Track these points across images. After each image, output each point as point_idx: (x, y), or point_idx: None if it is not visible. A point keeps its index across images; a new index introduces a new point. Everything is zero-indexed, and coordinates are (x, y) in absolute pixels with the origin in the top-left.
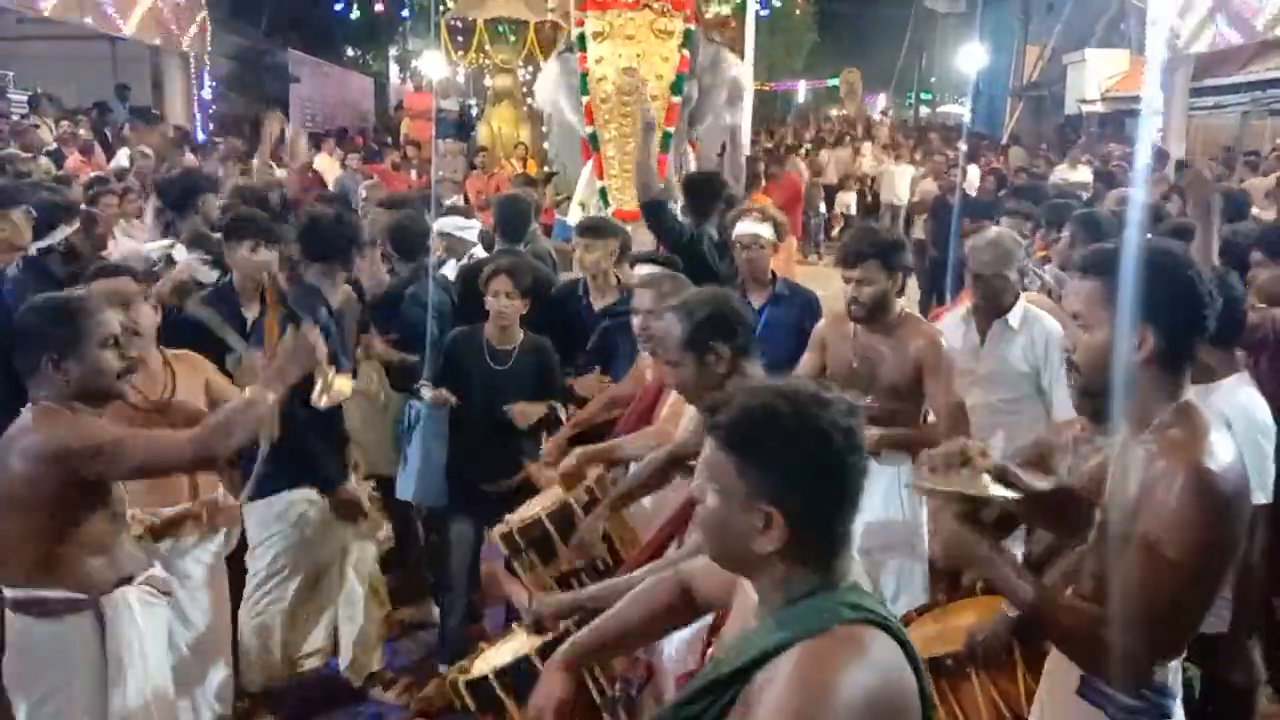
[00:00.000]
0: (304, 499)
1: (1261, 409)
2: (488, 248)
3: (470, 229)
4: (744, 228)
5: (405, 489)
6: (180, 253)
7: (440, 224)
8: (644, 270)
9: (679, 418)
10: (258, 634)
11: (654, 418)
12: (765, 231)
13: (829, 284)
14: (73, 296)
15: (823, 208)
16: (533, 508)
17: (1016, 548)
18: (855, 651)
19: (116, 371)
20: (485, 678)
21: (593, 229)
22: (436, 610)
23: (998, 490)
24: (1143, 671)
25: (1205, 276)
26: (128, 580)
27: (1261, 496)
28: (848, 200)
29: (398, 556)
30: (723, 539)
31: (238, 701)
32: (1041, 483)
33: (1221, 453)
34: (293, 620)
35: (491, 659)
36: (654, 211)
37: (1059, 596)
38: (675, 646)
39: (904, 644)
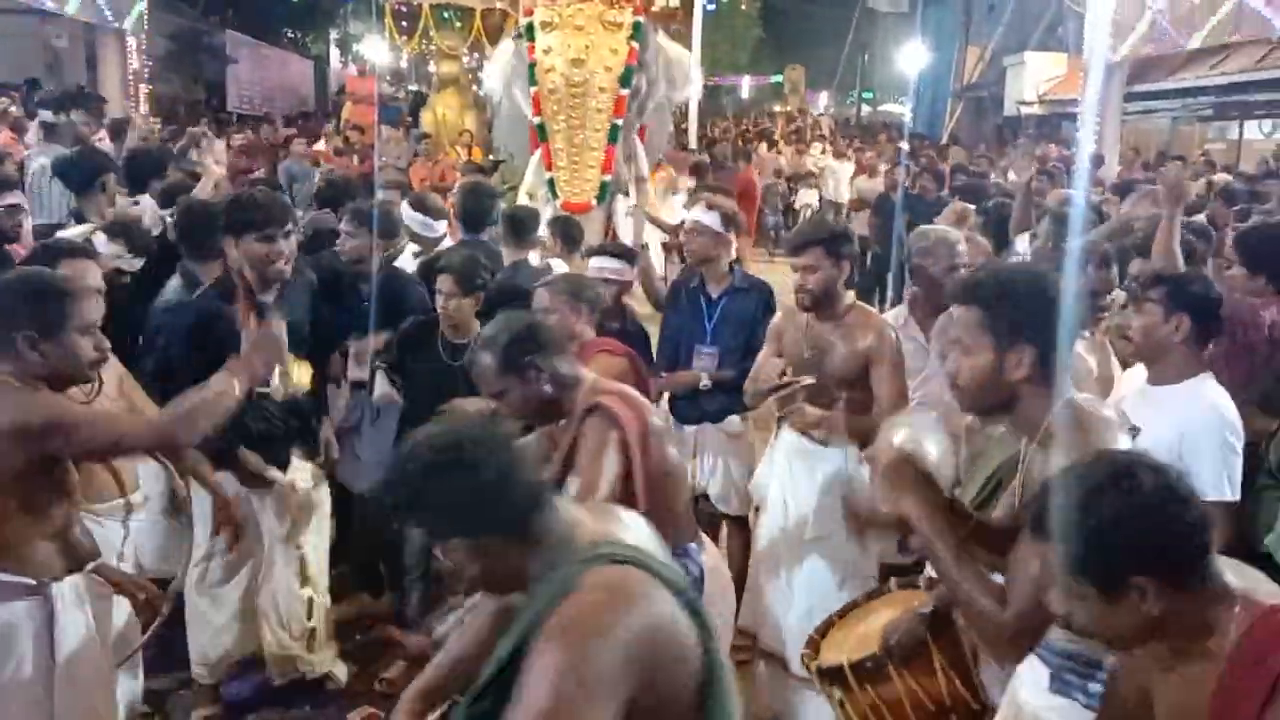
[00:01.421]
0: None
1: (1229, 408)
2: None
3: (436, 226)
4: (691, 214)
5: (355, 480)
6: (100, 241)
7: (407, 218)
8: (600, 262)
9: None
10: (198, 621)
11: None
12: (710, 220)
13: (789, 280)
14: (59, 278)
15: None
16: None
17: None
18: (600, 598)
19: (90, 360)
20: None
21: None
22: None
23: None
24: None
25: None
26: (78, 568)
27: (1229, 493)
28: (809, 198)
29: (343, 549)
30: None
31: (183, 690)
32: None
33: (1111, 440)
34: (240, 610)
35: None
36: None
37: (975, 565)
38: None
39: (660, 576)
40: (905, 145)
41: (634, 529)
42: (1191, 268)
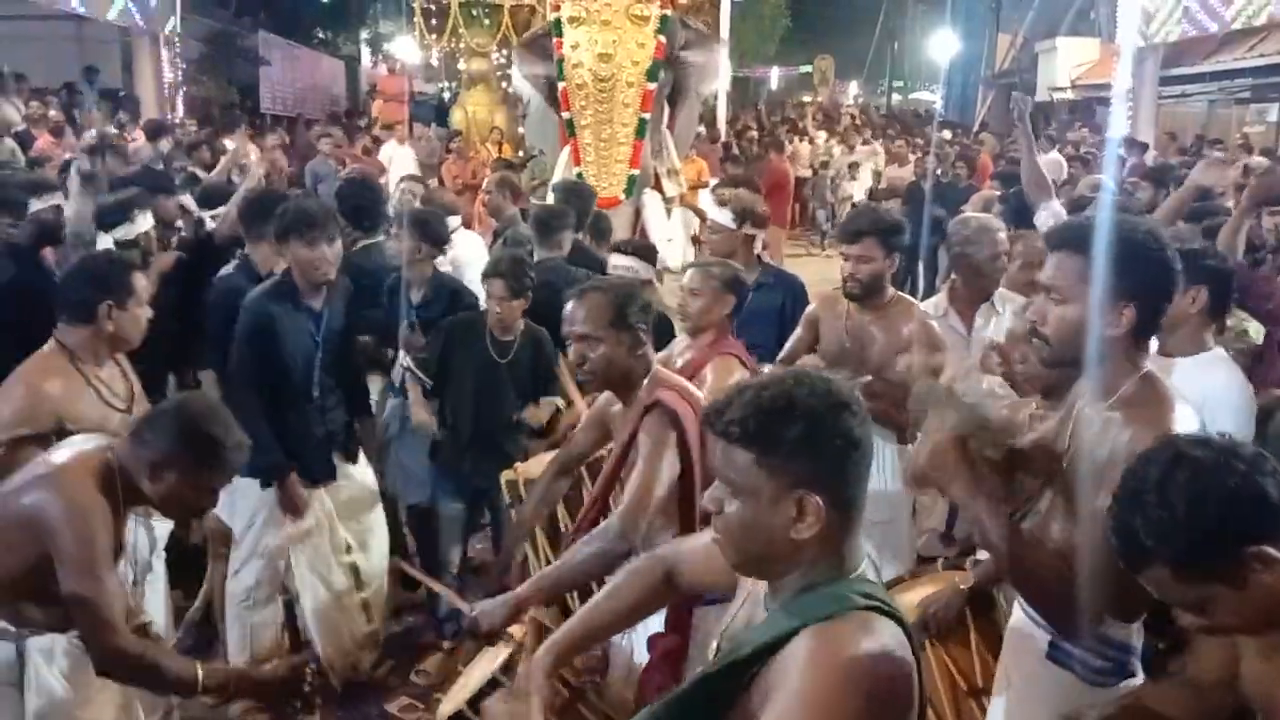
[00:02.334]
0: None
1: (1244, 381)
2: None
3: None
4: (709, 211)
5: (392, 484)
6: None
7: None
8: (618, 261)
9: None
10: (237, 621)
11: None
12: (722, 218)
13: (826, 272)
14: (125, 257)
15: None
16: (543, 463)
17: None
18: (868, 634)
19: (144, 329)
20: (460, 713)
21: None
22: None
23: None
24: (1099, 626)
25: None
26: (62, 630)
27: None
28: (850, 190)
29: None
30: (750, 540)
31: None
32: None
33: (1185, 424)
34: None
35: (458, 694)
36: None
37: (1026, 539)
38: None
39: (909, 636)
40: (946, 134)
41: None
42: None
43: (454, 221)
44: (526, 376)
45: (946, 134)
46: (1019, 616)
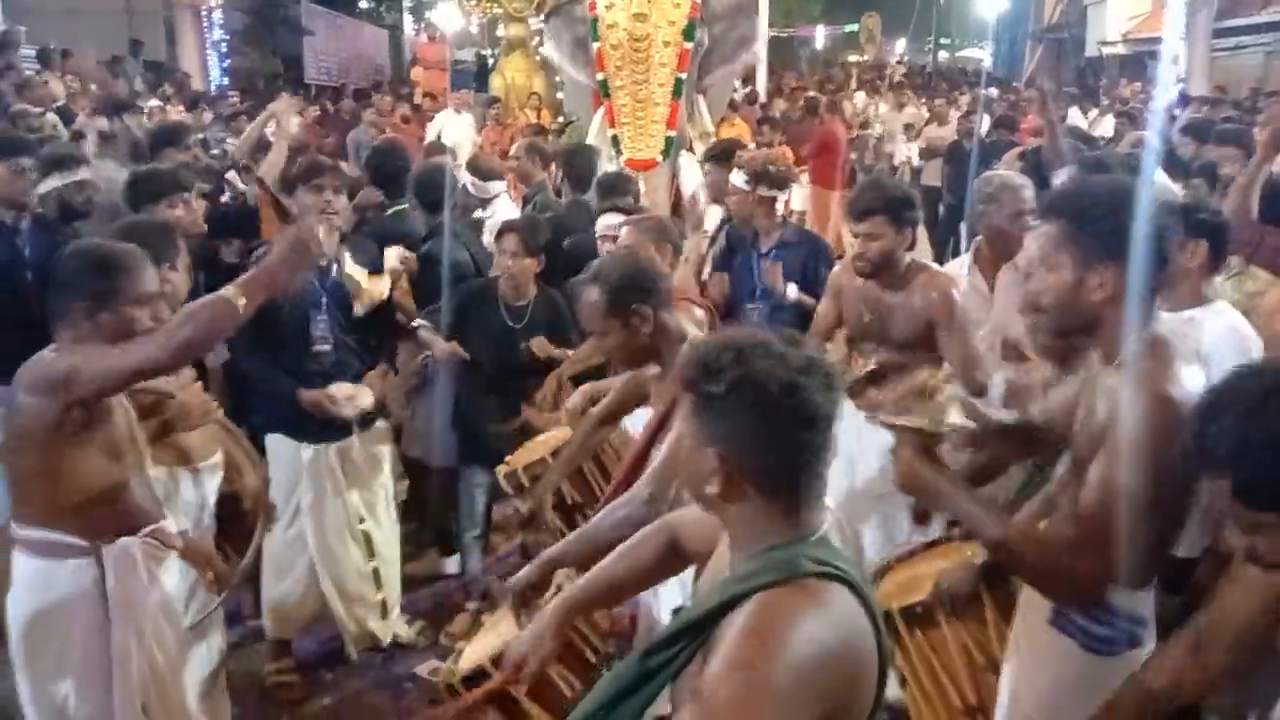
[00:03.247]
0: (282, 444)
1: (1247, 326)
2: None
3: (489, 186)
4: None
5: (412, 446)
6: None
7: (463, 180)
8: (607, 220)
9: None
10: (273, 578)
11: None
12: (736, 179)
13: None
14: (117, 249)
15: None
16: (535, 448)
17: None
18: (812, 604)
19: (144, 333)
20: (480, 670)
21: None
22: (444, 561)
23: (955, 419)
24: (1102, 596)
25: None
26: (133, 532)
27: None
28: (907, 152)
29: (415, 508)
30: (686, 478)
31: (257, 644)
32: (1002, 415)
33: (1187, 382)
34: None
35: (479, 649)
36: None
37: (1023, 528)
38: (665, 597)
39: (865, 601)
40: (992, 91)
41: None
42: None
43: (497, 186)
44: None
45: (994, 91)
46: None
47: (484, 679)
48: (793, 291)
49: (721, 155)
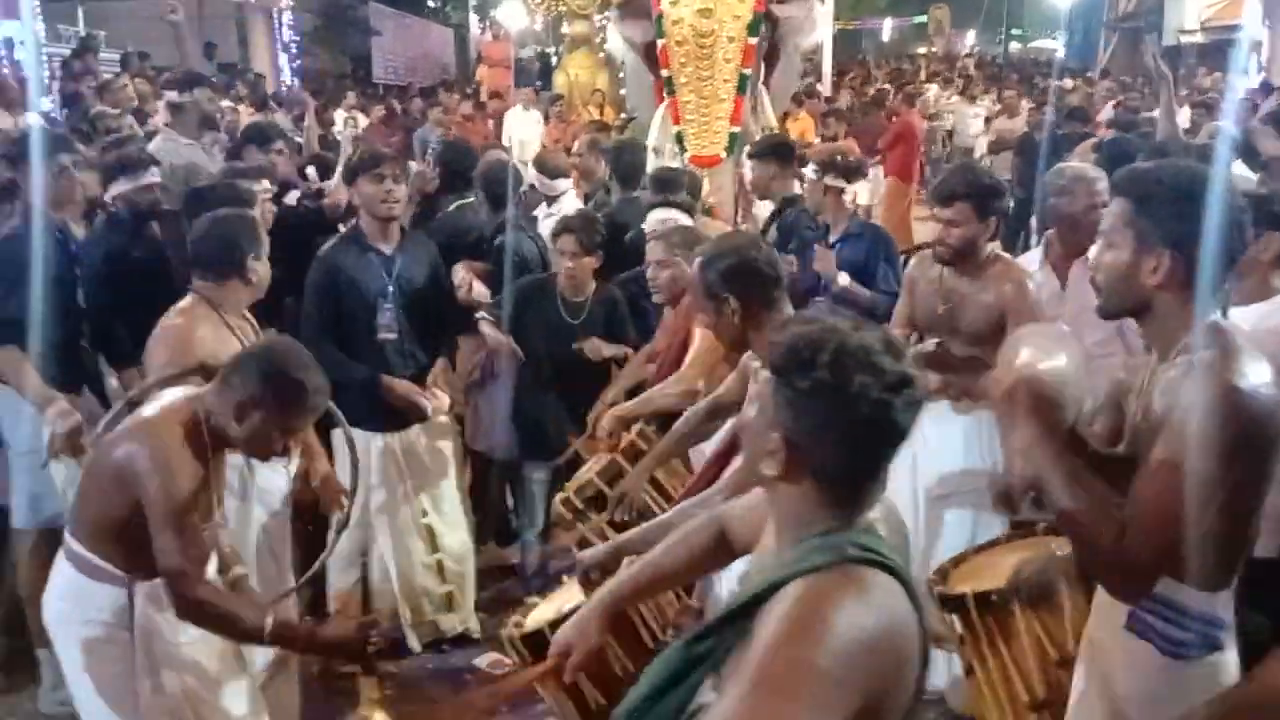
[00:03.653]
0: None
1: None
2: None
3: (556, 184)
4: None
5: (476, 439)
6: None
7: (530, 177)
8: (658, 215)
9: (702, 362)
10: (338, 570)
11: (682, 365)
12: (807, 170)
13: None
14: (249, 213)
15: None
16: (585, 472)
17: None
18: (854, 589)
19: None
20: (540, 631)
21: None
22: (505, 553)
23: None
24: (1149, 588)
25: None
26: None
27: None
28: (980, 146)
29: (477, 500)
30: (750, 455)
31: None
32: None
33: (1252, 373)
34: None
35: (544, 613)
36: None
37: (1097, 508)
38: (728, 588)
39: (908, 588)
40: (1067, 82)
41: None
42: None
43: (563, 184)
44: (601, 336)
45: (1068, 82)
46: None
47: (543, 643)
48: (844, 279)
49: (766, 151)
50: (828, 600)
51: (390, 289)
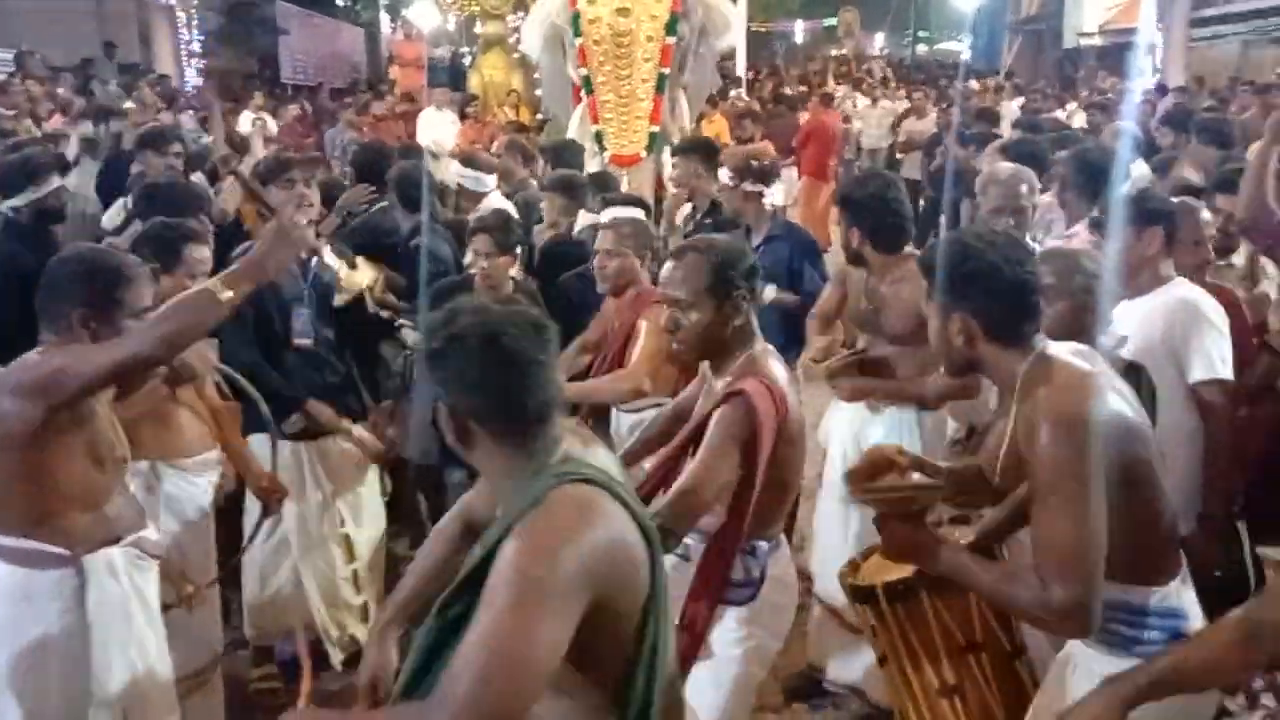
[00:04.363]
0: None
1: (1205, 298)
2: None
3: (485, 180)
4: None
5: (402, 445)
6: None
7: (458, 175)
8: (618, 212)
9: (650, 361)
10: (256, 583)
11: (626, 359)
12: (722, 175)
13: None
14: (120, 258)
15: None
16: None
17: None
18: (564, 512)
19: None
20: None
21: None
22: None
23: (919, 479)
24: (1092, 621)
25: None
26: (115, 541)
27: (1223, 371)
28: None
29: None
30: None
31: (240, 651)
32: (951, 464)
33: (1080, 393)
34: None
35: None
36: None
37: (1012, 574)
38: None
39: (619, 497)
40: (974, 84)
41: (605, 458)
42: None
43: (490, 182)
44: None
45: (974, 84)
46: None
47: None
48: (770, 293)
49: (690, 148)
50: (541, 527)
51: (306, 294)
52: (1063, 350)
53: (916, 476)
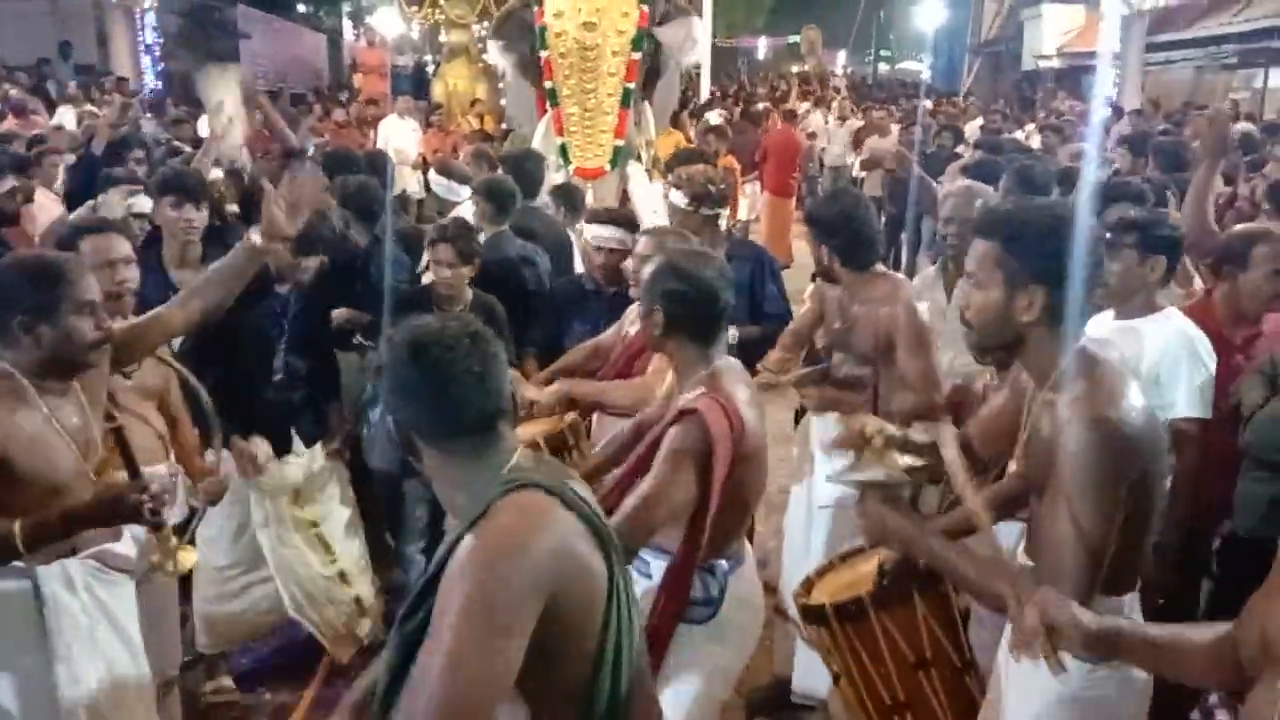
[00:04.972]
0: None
1: (1198, 332)
2: None
3: (458, 190)
4: None
5: (369, 456)
6: (144, 203)
7: (433, 184)
8: (599, 231)
9: (664, 372)
10: (213, 592)
11: (634, 370)
12: (677, 199)
13: None
14: (54, 258)
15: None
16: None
17: None
18: (510, 520)
19: (90, 342)
20: None
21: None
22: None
23: (904, 461)
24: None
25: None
26: (71, 553)
27: (1200, 411)
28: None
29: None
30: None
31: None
32: (928, 436)
33: (1120, 396)
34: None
35: None
36: None
37: (991, 563)
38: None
39: (564, 500)
40: (927, 103)
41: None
42: None
43: (464, 192)
44: None
45: (928, 103)
46: None
47: None
48: (731, 336)
49: (683, 163)
50: (488, 539)
51: (284, 336)
52: (1103, 348)
53: (892, 456)
